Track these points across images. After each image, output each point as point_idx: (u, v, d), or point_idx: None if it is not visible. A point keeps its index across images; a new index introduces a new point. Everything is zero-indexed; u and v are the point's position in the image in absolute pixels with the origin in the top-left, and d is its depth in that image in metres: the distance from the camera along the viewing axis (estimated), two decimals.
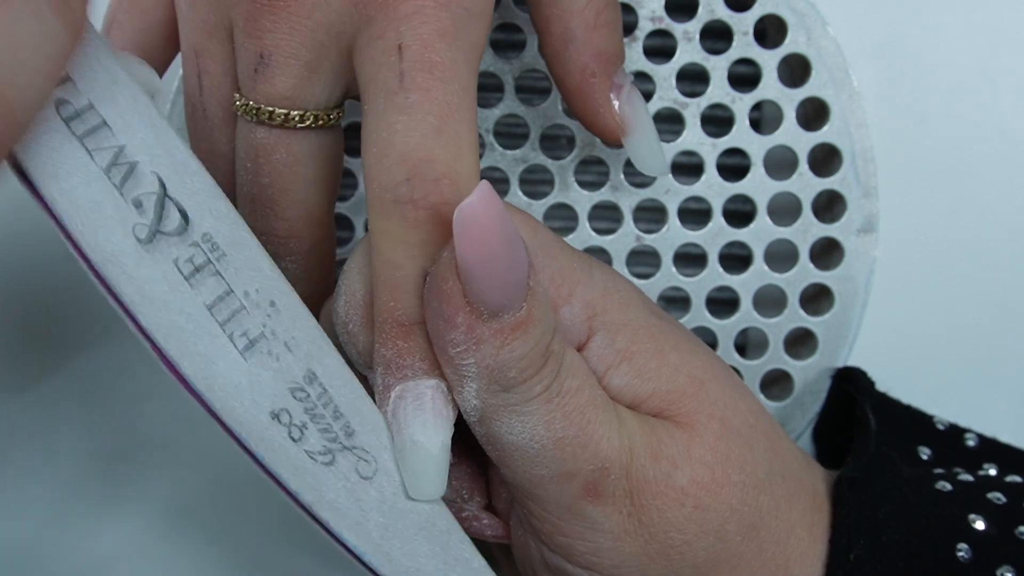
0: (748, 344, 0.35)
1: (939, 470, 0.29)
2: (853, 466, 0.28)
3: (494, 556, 0.29)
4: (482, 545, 0.28)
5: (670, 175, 0.33)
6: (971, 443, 0.30)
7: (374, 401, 0.25)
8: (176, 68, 0.31)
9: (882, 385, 0.32)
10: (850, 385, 0.32)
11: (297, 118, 0.26)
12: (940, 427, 0.31)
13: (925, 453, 0.30)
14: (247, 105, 0.26)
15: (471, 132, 0.24)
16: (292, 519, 0.32)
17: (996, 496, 0.27)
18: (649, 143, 0.29)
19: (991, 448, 0.30)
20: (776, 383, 0.35)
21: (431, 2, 0.24)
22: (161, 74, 0.30)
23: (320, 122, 0.26)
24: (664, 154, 0.30)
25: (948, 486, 0.27)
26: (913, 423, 0.31)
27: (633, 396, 0.25)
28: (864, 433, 0.29)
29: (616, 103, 0.28)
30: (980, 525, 0.26)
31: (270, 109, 0.25)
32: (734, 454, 0.25)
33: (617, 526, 0.24)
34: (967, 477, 0.28)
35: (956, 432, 0.31)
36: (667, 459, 0.25)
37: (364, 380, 0.26)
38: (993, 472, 0.29)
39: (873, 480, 0.27)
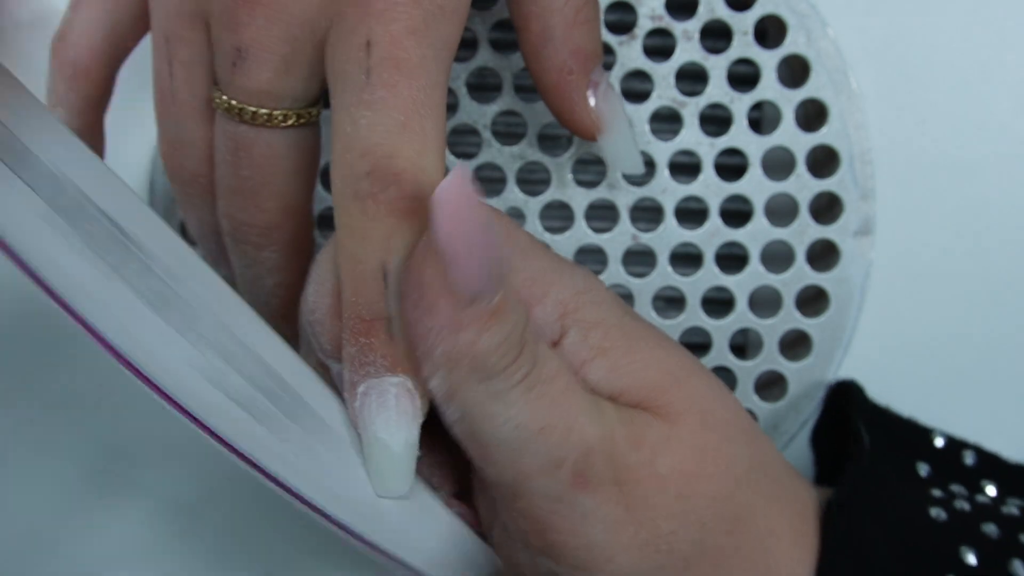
0: (743, 345, 0.35)
1: (937, 491, 0.29)
2: (843, 489, 0.27)
3: None
4: None
5: (667, 173, 0.33)
6: (969, 461, 0.30)
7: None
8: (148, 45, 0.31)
9: (877, 389, 0.32)
10: (844, 400, 0.32)
11: (280, 117, 0.26)
12: (938, 443, 0.30)
13: (923, 469, 0.30)
14: (229, 104, 0.26)
15: (437, 129, 0.24)
16: (292, 518, 0.32)
17: (991, 528, 0.27)
18: (624, 141, 0.29)
19: (990, 466, 0.30)
20: (770, 385, 0.34)
21: None
22: (130, 51, 0.30)
23: (302, 120, 0.26)
24: (639, 153, 0.30)
25: (943, 515, 0.27)
26: (911, 438, 0.31)
27: (610, 390, 0.25)
28: (857, 454, 0.29)
29: (593, 100, 0.28)
30: (971, 559, 0.26)
31: (252, 109, 0.26)
32: (713, 446, 0.25)
33: (608, 515, 0.24)
34: (964, 505, 0.28)
35: (955, 448, 0.30)
36: (648, 447, 0.25)
37: (327, 371, 0.26)
38: (992, 491, 0.29)
39: (863, 505, 0.27)
